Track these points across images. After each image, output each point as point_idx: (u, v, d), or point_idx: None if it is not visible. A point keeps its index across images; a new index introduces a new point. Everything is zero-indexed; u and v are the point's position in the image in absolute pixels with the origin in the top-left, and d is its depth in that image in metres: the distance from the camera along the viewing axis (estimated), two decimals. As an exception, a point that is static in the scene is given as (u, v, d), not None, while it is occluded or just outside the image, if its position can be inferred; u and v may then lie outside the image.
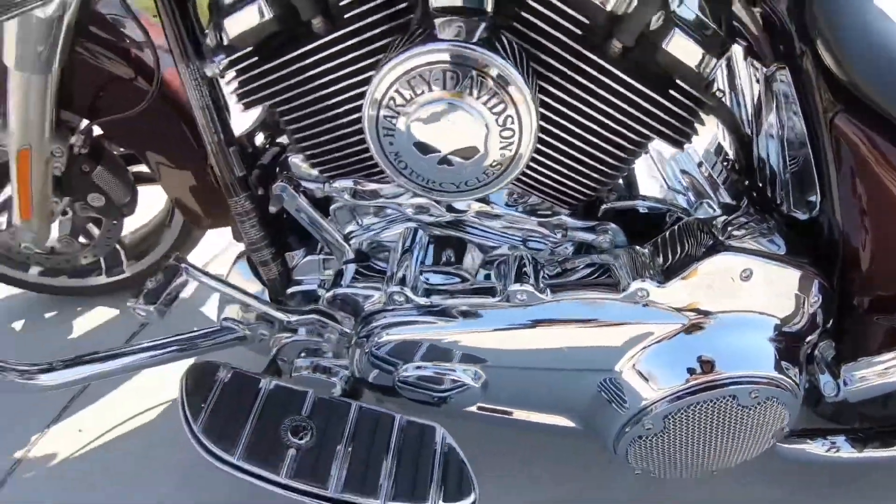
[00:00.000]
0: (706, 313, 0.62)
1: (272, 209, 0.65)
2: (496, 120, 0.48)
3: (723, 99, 0.76)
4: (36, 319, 1.11)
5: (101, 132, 0.86)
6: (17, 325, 1.11)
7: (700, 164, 0.75)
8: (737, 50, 0.71)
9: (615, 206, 0.67)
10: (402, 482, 0.58)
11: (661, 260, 0.63)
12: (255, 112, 0.70)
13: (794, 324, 0.65)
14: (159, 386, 0.96)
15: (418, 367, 0.62)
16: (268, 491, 0.62)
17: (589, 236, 0.65)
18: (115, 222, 0.92)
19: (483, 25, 0.49)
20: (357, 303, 0.63)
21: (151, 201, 1.01)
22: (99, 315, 1.11)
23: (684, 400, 0.62)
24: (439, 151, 0.50)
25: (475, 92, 0.47)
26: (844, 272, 0.65)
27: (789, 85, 0.62)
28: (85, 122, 0.84)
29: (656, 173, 0.72)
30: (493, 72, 0.47)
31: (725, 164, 0.76)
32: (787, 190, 0.67)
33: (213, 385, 0.62)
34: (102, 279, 1.07)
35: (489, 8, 0.50)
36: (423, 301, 0.58)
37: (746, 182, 0.73)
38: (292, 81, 0.57)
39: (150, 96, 0.72)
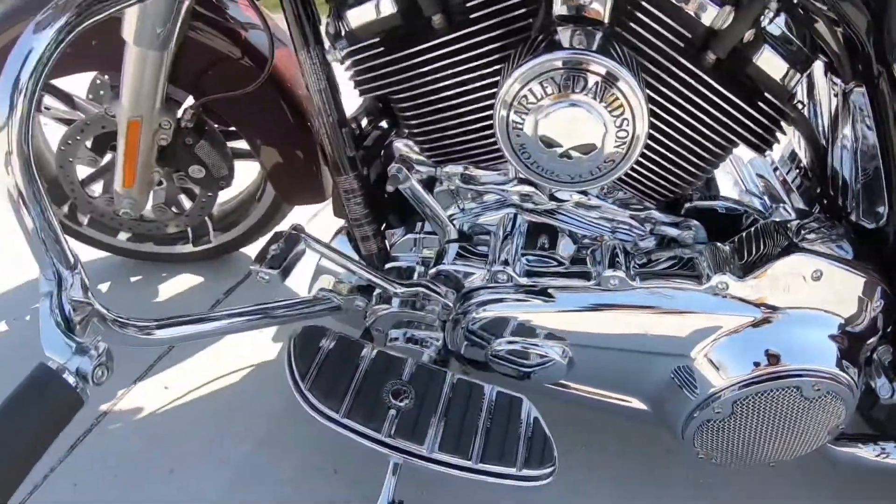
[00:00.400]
0: (777, 309, 0.66)
1: (389, 188, 0.70)
2: (614, 122, 0.54)
3: (802, 110, 0.80)
4: (122, 282, 1.18)
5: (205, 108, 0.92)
6: (104, 286, 1.17)
7: (776, 170, 0.80)
8: (818, 65, 0.75)
9: (697, 204, 0.72)
10: (491, 446, 0.63)
11: (739, 257, 0.67)
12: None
13: (856, 325, 0.68)
14: (236, 352, 1.03)
15: (510, 342, 0.67)
16: (339, 451, 0.67)
17: (674, 231, 0.70)
18: (210, 194, 0.98)
19: (600, 34, 0.54)
20: (458, 280, 0.69)
21: (241, 176, 1.07)
22: (183, 281, 1.18)
23: (752, 388, 0.66)
24: (562, 146, 0.55)
25: (598, 96, 0.53)
26: None
27: (865, 102, 0.66)
28: (191, 99, 0.91)
29: (736, 176, 0.77)
30: (613, 78, 0.52)
31: (800, 171, 0.80)
32: (858, 199, 0.70)
33: (318, 349, 0.68)
34: (189, 248, 1.14)
35: (606, 19, 0.55)
36: (524, 280, 0.63)
37: (819, 189, 0.77)
38: (411, 74, 0.63)
39: (263, 78, 0.78)
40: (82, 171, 0.99)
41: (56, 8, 0.45)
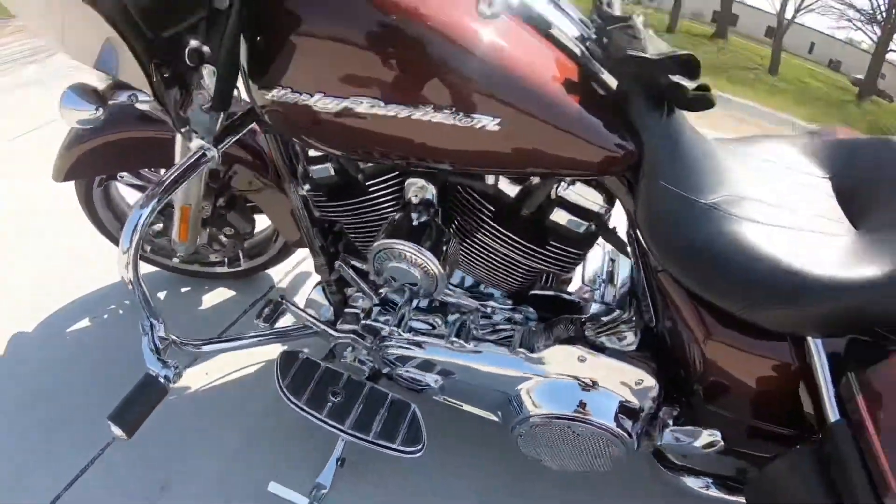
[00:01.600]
0: (562, 374, 1.01)
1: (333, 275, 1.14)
2: (420, 272, 0.95)
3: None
4: (175, 293, 1.65)
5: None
6: (161, 295, 1.65)
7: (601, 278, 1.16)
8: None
9: (537, 293, 1.09)
10: (385, 429, 1.06)
11: (545, 337, 1.02)
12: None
13: (628, 394, 1.00)
14: (250, 359, 1.49)
15: (407, 371, 1.10)
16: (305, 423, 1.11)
17: (508, 314, 1.09)
18: (238, 242, 1.45)
19: (425, 219, 0.95)
20: (377, 330, 1.10)
21: (264, 220, 1.51)
22: (220, 294, 1.65)
23: (543, 420, 1.02)
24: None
25: (410, 262, 0.94)
26: (674, 371, 0.99)
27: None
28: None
29: (580, 277, 1.15)
30: (417, 253, 0.92)
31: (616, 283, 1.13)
32: (642, 307, 1.02)
33: (293, 364, 1.13)
34: (225, 269, 1.61)
35: (435, 204, 0.96)
36: (407, 336, 1.06)
37: (629, 296, 1.09)
38: (342, 211, 1.04)
39: (267, 180, 1.23)
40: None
41: (151, 194, 0.87)
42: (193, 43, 0.77)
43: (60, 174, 1.30)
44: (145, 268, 1.61)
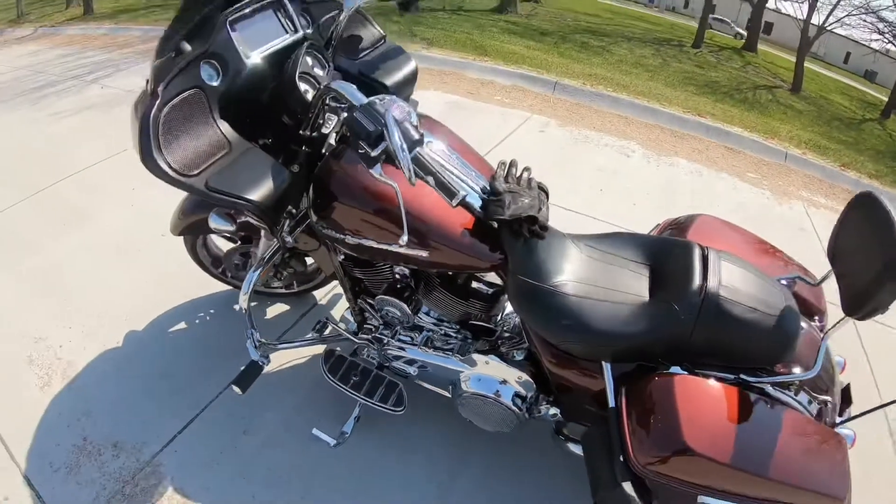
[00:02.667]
0: (481, 371, 1.64)
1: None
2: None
3: None
4: (253, 305, 2.43)
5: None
6: (236, 307, 2.43)
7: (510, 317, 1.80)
8: None
9: (473, 322, 1.69)
10: (382, 397, 1.74)
11: (472, 347, 1.66)
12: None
13: (518, 386, 1.58)
14: (298, 355, 2.23)
15: (397, 364, 1.79)
16: (337, 394, 1.84)
17: (454, 334, 1.72)
18: (295, 277, 2.20)
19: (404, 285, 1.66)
20: (381, 339, 1.77)
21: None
22: (278, 308, 2.40)
23: (469, 392, 1.61)
24: None
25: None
26: (540, 374, 1.58)
27: None
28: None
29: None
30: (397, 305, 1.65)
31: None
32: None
33: (331, 356, 1.85)
34: (283, 290, 2.35)
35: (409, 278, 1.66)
36: (395, 344, 1.76)
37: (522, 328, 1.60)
38: (364, 276, 1.73)
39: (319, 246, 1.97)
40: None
41: (258, 264, 1.63)
42: None
43: (176, 230, 2.02)
44: (222, 286, 2.41)
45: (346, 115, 1.28)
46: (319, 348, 2.09)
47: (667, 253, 1.41)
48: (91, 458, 1.82)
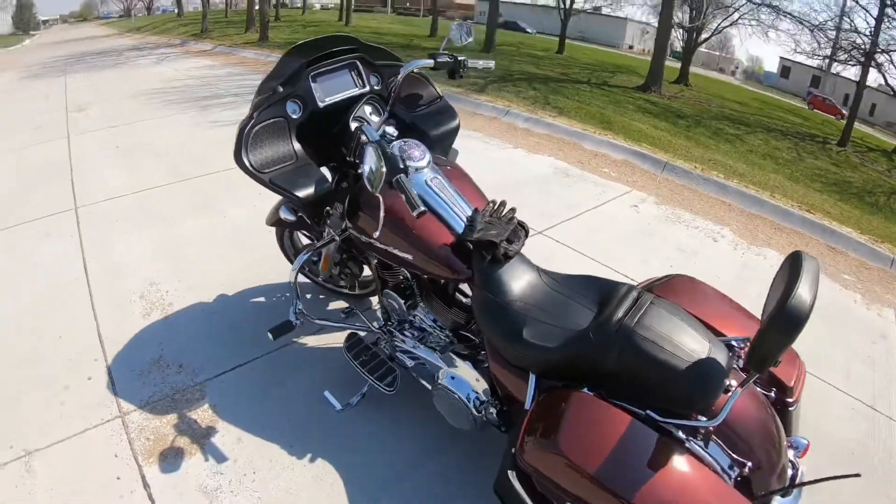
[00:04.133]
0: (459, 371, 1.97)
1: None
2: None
3: None
4: (315, 296, 2.95)
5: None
6: (309, 295, 2.96)
7: None
8: None
9: (461, 330, 1.98)
10: (382, 378, 2.07)
11: (455, 349, 1.97)
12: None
13: (476, 387, 1.84)
14: (332, 339, 2.68)
15: (399, 355, 2.14)
16: (355, 373, 2.23)
17: (444, 336, 2.04)
18: (351, 279, 2.67)
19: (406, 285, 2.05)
20: (392, 332, 2.15)
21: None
22: (339, 303, 2.90)
23: (442, 386, 1.84)
24: None
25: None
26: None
27: None
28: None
29: None
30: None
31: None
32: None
33: (352, 338, 2.26)
34: (346, 290, 2.81)
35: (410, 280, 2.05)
36: (400, 338, 2.12)
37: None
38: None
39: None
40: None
41: (309, 250, 2.13)
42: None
43: (268, 222, 2.59)
44: (304, 279, 2.95)
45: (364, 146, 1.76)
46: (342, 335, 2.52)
47: (610, 293, 1.57)
48: (160, 369, 2.41)
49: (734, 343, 1.51)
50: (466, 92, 8.04)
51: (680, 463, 1.26)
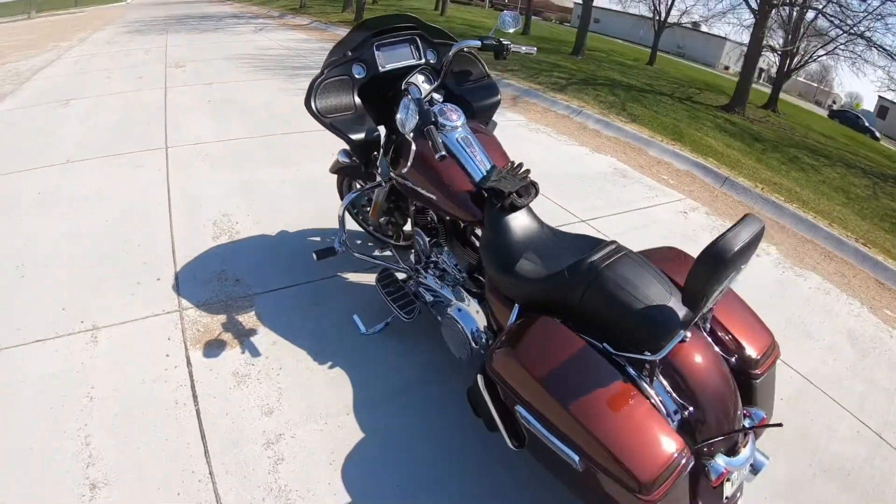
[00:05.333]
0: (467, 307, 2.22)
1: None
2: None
3: None
4: (364, 242, 3.28)
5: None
6: (359, 241, 3.29)
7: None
8: None
9: (476, 274, 2.26)
10: (405, 309, 2.37)
11: (467, 287, 2.22)
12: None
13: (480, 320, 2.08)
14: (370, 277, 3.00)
15: (422, 290, 2.42)
16: (384, 303, 2.53)
17: (461, 276, 2.29)
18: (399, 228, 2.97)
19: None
20: (418, 270, 2.43)
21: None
22: (386, 252, 3.23)
23: (449, 316, 2.09)
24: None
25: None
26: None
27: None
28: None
29: None
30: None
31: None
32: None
33: (385, 272, 2.56)
34: (392, 241, 3.07)
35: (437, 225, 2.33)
36: (424, 275, 2.40)
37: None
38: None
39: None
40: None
41: (358, 190, 2.46)
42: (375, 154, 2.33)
43: (332, 169, 2.94)
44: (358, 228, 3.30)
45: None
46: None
47: (595, 245, 1.73)
48: (220, 280, 2.84)
49: None
50: (545, 89, 8.21)
51: (620, 387, 1.40)
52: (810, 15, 10.34)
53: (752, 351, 1.63)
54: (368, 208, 2.85)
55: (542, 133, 6.25)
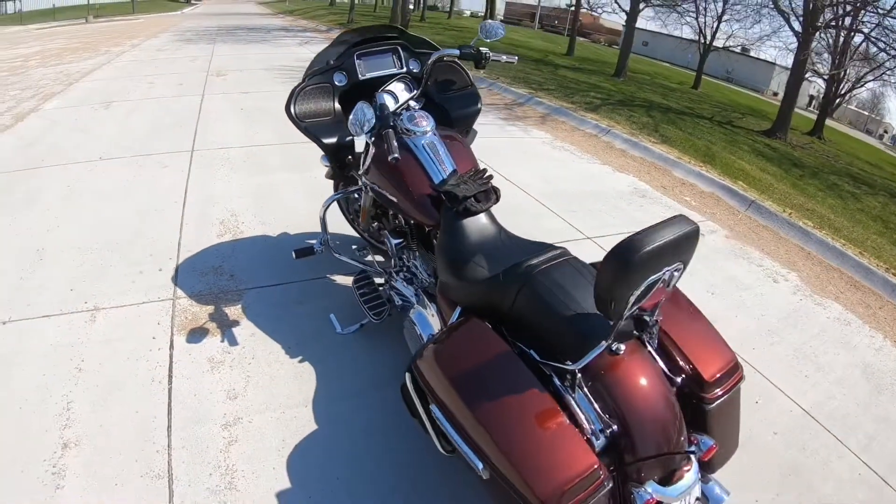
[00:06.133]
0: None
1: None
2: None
3: None
4: (361, 248, 3.38)
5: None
6: (354, 246, 3.39)
7: None
8: None
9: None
10: (375, 310, 2.43)
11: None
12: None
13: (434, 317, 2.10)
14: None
15: (393, 293, 2.47)
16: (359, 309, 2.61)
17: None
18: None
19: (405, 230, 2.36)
20: (390, 273, 2.48)
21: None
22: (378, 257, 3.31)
23: (409, 319, 2.12)
24: None
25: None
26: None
27: None
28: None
29: None
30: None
31: None
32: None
33: (362, 274, 2.63)
34: (382, 246, 3.20)
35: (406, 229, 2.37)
36: (395, 279, 2.44)
37: None
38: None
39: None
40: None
41: (340, 191, 2.54)
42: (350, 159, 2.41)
43: (327, 176, 3.00)
44: (347, 230, 3.39)
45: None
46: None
47: (543, 250, 1.69)
48: (216, 274, 2.98)
49: (646, 318, 1.44)
50: (577, 108, 8.22)
51: (535, 396, 1.32)
52: (858, 38, 10.04)
53: (704, 372, 1.48)
54: (355, 206, 2.94)
55: (566, 151, 6.25)
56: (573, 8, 18.35)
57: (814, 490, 2.19)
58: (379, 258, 3.02)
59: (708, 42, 16.51)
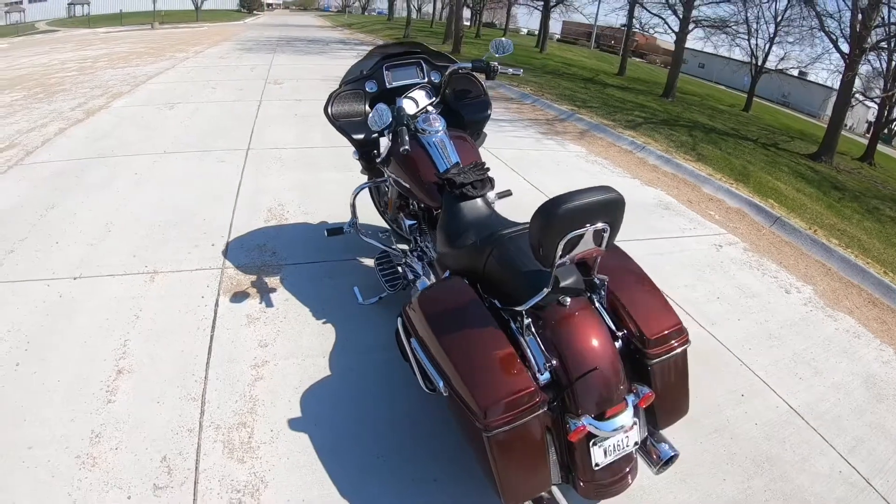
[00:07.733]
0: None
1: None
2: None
3: None
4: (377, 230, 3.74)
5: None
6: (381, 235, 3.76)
7: None
8: None
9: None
10: (393, 283, 2.79)
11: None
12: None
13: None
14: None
15: (408, 272, 2.79)
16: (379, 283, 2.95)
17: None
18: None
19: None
20: (407, 254, 2.82)
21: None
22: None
23: (418, 290, 2.42)
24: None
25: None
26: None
27: None
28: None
29: None
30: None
31: None
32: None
33: (383, 254, 2.99)
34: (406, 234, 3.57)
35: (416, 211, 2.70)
36: (409, 257, 2.77)
37: None
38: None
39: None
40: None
41: (368, 180, 2.92)
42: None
43: (363, 170, 3.40)
44: (376, 221, 3.75)
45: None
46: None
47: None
48: (260, 251, 3.42)
49: (595, 280, 1.74)
50: (616, 126, 8.41)
51: (491, 332, 1.61)
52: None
53: (647, 331, 1.70)
54: (384, 197, 3.25)
55: (598, 165, 6.45)
56: (626, 28, 18.46)
57: (787, 480, 2.25)
58: (402, 246, 3.37)
59: (759, 64, 16.33)
